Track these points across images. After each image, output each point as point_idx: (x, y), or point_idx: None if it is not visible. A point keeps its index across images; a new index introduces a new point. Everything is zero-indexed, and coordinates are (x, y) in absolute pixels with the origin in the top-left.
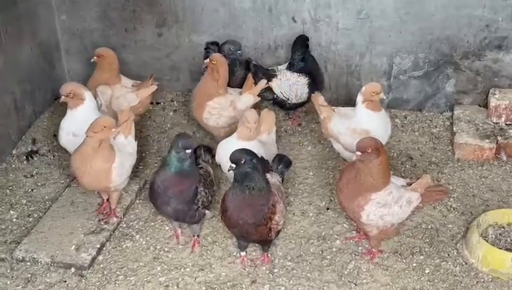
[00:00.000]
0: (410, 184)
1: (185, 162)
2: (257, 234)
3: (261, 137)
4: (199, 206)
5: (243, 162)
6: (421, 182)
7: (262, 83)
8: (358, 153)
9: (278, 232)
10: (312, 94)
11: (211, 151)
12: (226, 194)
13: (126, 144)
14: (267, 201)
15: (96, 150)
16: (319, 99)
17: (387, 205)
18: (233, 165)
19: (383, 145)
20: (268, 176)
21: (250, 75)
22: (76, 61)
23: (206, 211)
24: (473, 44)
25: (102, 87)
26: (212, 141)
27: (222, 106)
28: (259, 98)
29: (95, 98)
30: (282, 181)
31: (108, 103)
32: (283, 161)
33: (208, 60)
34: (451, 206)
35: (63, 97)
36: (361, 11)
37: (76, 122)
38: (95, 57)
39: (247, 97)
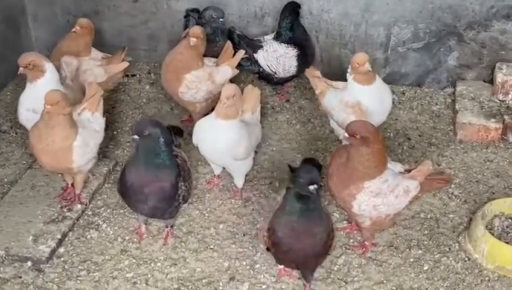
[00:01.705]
0: (409, 171)
1: (160, 154)
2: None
3: (243, 116)
4: (180, 202)
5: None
6: (421, 169)
7: (241, 54)
8: (346, 135)
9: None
10: (305, 68)
11: (181, 133)
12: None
13: (92, 121)
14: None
15: (53, 126)
16: (314, 72)
17: (382, 194)
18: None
19: (376, 131)
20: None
21: (228, 44)
22: (45, 28)
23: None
24: (479, 13)
25: (67, 58)
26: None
27: (200, 80)
28: (238, 71)
29: (59, 70)
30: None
31: (73, 76)
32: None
33: (187, 33)
34: (452, 194)
35: (21, 68)
36: None
37: (36, 97)
38: (77, 27)
39: (226, 69)
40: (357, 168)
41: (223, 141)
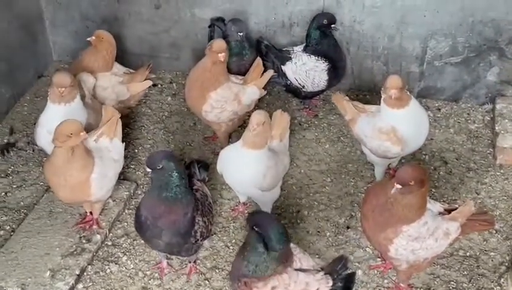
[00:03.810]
0: (450, 211)
1: (173, 188)
2: None
3: (271, 144)
4: (198, 239)
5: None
6: (462, 210)
7: (269, 73)
8: (399, 186)
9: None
10: (336, 82)
11: (207, 167)
12: None
13: (111, 149)
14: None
15: (68, 160)
16: (341, 97)
17: (421, 238)
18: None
19: (426, 172)
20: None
21: (258, 61)
22: (63, 34)
23: (205, 242)
24: None
25: (84, 75)
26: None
27: (226, 99)
28: (265, 92)
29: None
30: None
31: (91, 94)
32: None
33: (215, 49)
34: (493, 228)
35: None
36: None
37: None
38: (93, 37)
39: (253, 90)
40: (398, 212)
41: (249, 172)
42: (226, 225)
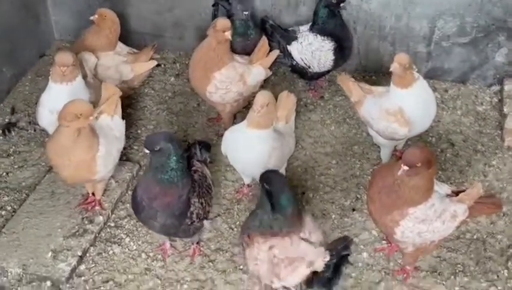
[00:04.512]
0: (457, 193)
1: (169, 170)
2: None
3: (277, 125)
4: (194, 221)
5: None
6: (470, 193)
7: (275, 53)
8: (406, 167)
9: None
10: (342, 62)
11: (209, 148)
12: None
13: (112, 127)
14: None
15: (74, 140)
16: (347, 78)
17: (428, 220)
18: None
19: (433, 154)
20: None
21: (264, 40)
22: (65, 13)
23: (205, 222)
24: None
25: (85, 54)
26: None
27: (231, 80)
28: (271, 72)
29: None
30: None
31: (93, 73)
32: None
33: (219, 28)
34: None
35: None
36: None
37: (65, 98)
38: (96, 16)
39: (258, 70)
40: (405, 194)
41: (255, 152)
42: (230, 207)
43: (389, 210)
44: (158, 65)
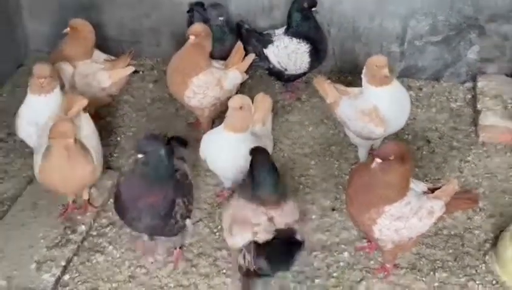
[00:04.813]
0: (433, 190)
1: (159, 170)
2: None
3: (253, 128)
4: (178, 220)
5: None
6: (446, 189)
7: (251, 57)
8: (379, 160)
9: None
10: (317, 64)
11: (185, 143)
12: None
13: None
14: None
15: (70, 157)
16: (323, 80)
17: (404, 217)
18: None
19: (408, 150)
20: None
21: (239, 45)
22: (41, 23)
23: (187, 221)
24: (502, 5)
25: (62, 64)
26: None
27: (208, 85)
28: (247, 76)
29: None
30: None
31: (70, 83)
32: None
33: (189, 32)
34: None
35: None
36: None
37: (42, 110)
38: (68, 29)
39: (235, 74)
40: (380, 191)
41: (232, 155)
42: (212, 211)
43: (366, 208)
44: (136, 72)
